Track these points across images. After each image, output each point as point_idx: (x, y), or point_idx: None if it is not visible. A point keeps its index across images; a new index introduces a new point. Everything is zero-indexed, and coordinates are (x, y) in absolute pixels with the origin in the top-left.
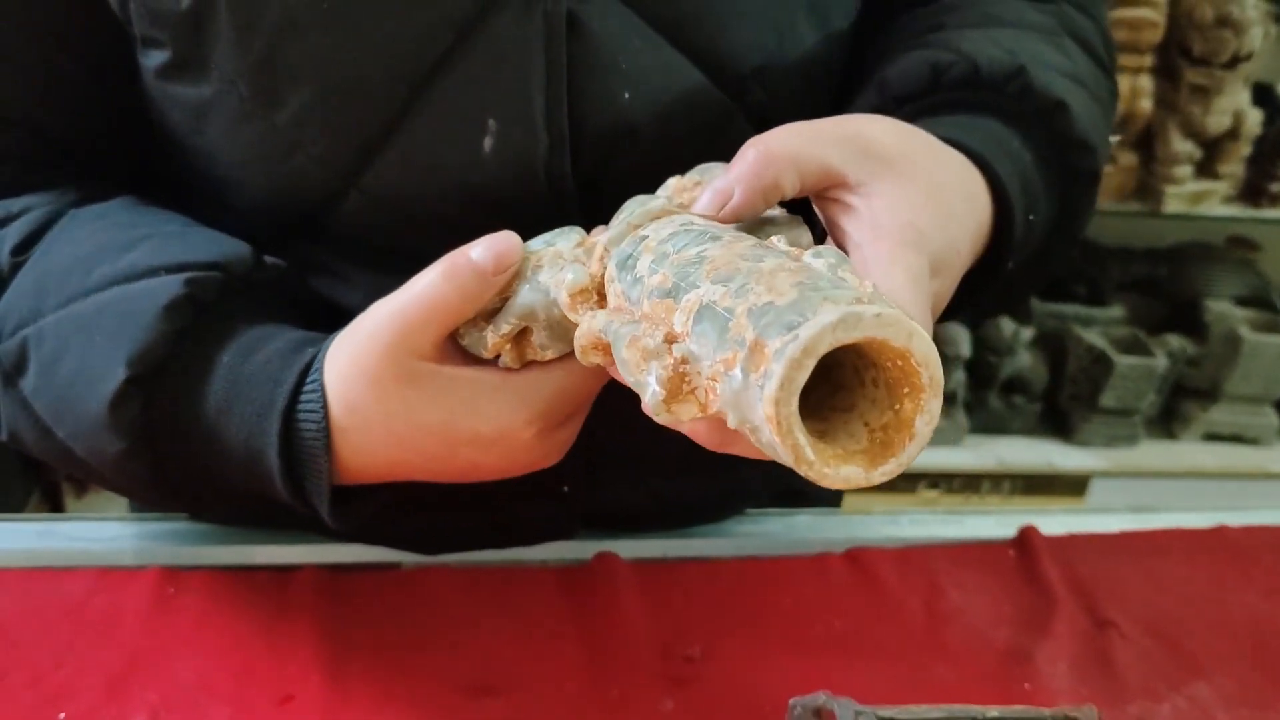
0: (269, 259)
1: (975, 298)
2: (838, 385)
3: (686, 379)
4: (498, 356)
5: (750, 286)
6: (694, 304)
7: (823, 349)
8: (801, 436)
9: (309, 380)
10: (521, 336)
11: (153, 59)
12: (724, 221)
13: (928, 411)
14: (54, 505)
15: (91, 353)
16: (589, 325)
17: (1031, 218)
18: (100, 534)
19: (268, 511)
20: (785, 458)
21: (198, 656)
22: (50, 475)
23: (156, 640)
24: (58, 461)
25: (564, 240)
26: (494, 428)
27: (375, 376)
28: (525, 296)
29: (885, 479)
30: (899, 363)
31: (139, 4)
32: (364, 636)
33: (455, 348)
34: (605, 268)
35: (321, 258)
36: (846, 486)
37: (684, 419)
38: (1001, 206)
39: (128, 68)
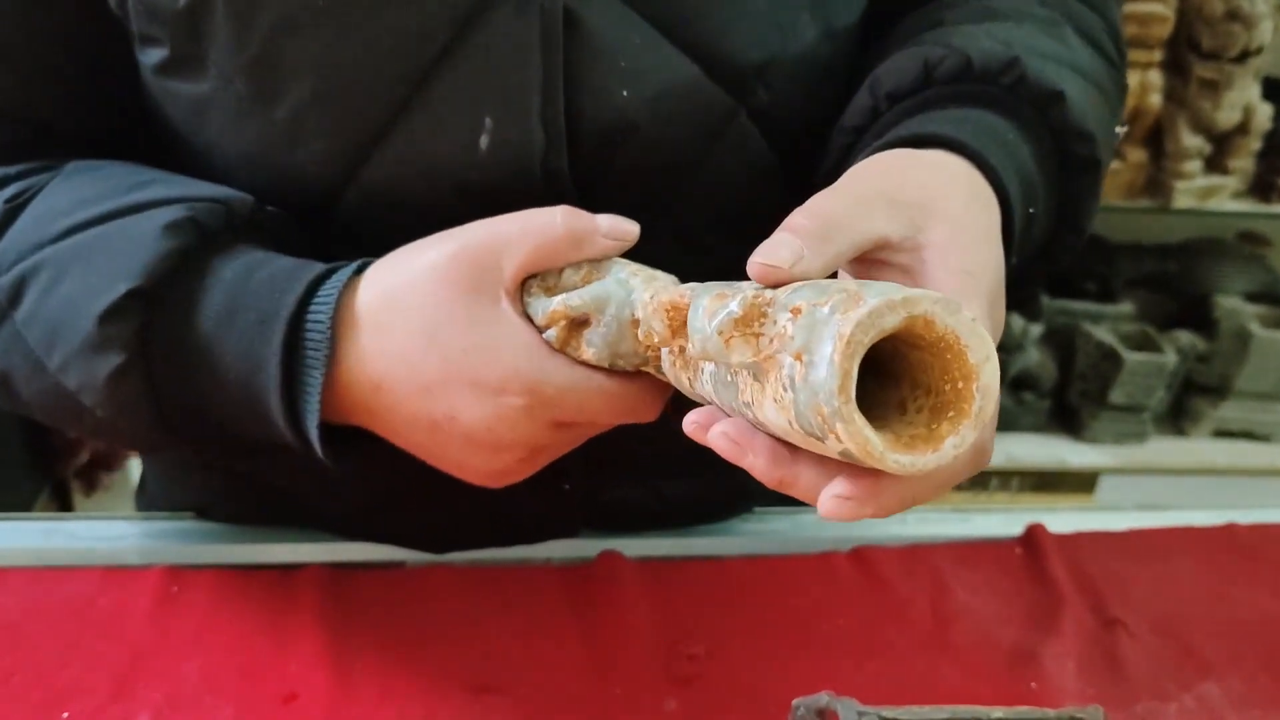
0: (271, 208)
1: None
2: (879, 418)
3: (763, 318)
4: (545, 330)
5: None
6: (796, 284)
7: (919, 311)
8: (854, 371)
9: (330, 281)
10: (577, 325)
11: (151, 56)
12: None
13: (961, 435)
14: (63, 504)
15: (89, 275)
16: (673, 289)
17: (1031, 210)
18: (105, 533)
19: (259, 463)
20: (829, 387)
21: (202, 655)
22: (59, 472)
23: (161, 639)
24: (48, 411)
25: (666, 276)
26: (498, 376)
27: (442, 276)
28: (607, 284)
29: (898, 470)
30: (959, 385)
31: (136, 1)
32: (368, 635)
33: (521, 300)
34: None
35: (319, 254)
36: (864, 450)
37: (732, 357)
38: (1000, 201)
39: (127, 64)
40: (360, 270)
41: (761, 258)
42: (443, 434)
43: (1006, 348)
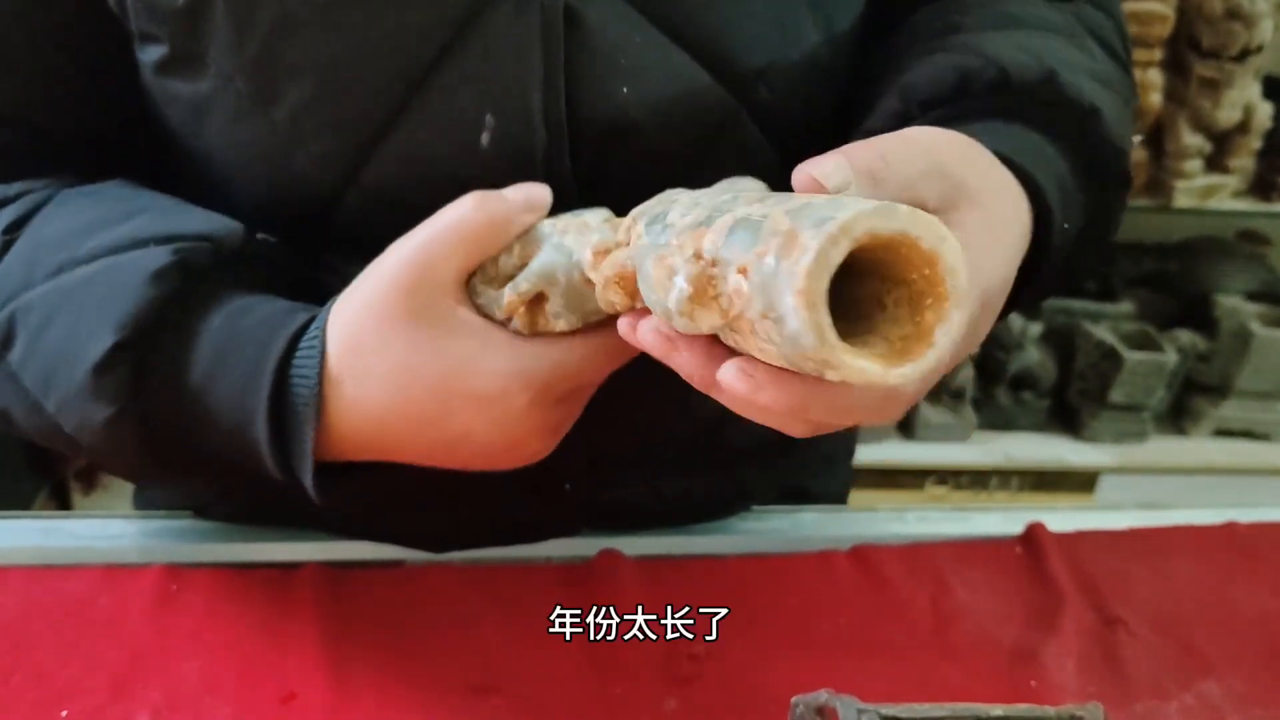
0: (261, 235)
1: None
2: (858, 316)
3: (714, 282)
4: (509, 321)
5: (785, 200)
6: (728, 222)
7: (859, 231)
8: (826, 316)
9: (308, 335)
10: (536, 303)
11: (150, 54)
12: None
13: (949, 321)
14: (62, 503)
15: (79, 321)
16: (613, 257)
17: (1066, 226)
18: (104, 532)
19: (257, 488)
20: (807, 341)
21: (201, 654)
22: (58, 472)
23: (160, 638)
24: (48, 439)
25: (592, 215)
26: (493, 385)
27: (389, 311)
28: (548, 256)
29: (901, 382)
30: (925, 272)
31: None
32: (367, 634)
33: (471, 303)
34: (633, 235)
35: (320, 255)
36: (862, 379)
37: (703, 325)
38: (1040, 218)
39: (126, 65)
40: None
41: (813, 170)
42: (463, 450)
43: (1006, 347)
